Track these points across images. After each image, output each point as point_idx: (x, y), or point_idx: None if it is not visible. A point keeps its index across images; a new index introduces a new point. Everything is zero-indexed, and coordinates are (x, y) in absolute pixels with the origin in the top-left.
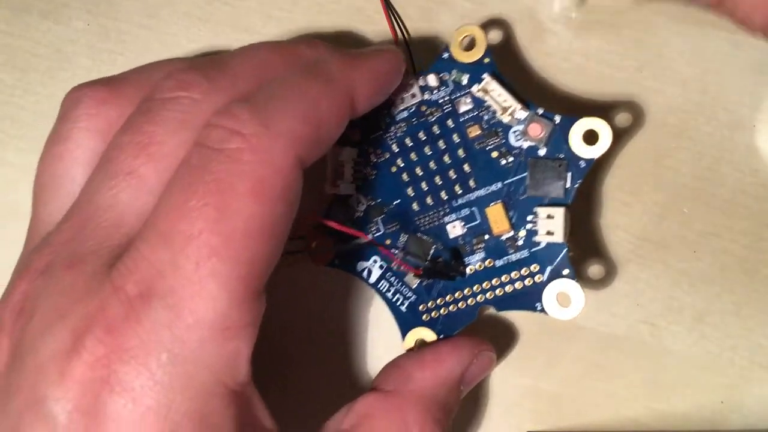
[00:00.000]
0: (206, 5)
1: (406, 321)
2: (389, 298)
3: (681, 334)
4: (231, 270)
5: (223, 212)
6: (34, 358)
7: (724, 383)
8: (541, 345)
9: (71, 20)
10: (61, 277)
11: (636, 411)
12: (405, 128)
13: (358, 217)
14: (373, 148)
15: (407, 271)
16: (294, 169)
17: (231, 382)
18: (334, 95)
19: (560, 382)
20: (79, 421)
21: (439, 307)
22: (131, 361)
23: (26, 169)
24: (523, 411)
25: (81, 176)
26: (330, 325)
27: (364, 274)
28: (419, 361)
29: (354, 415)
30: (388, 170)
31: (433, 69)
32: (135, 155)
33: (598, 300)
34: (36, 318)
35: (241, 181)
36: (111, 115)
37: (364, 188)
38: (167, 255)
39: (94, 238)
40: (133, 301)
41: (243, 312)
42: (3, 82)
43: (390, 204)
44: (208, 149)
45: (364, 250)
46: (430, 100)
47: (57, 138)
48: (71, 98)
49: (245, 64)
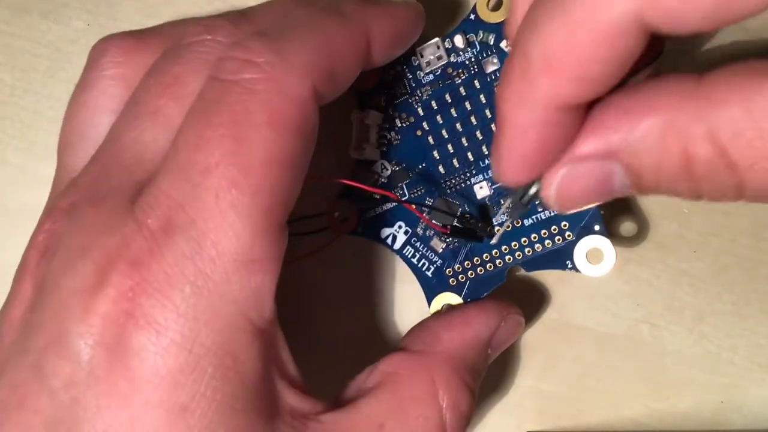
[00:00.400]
0: (206, 5)
1: (432, 286)
2: (414, 263)
3: (681, 334)
4: (251, 201)
5: (240, 143)
6: (58, 294)
7: (724, 383)
8: (541, 345)
9: (71, 20)
10: (84, 215)
11: (636, 411)
12: (431, 91)
13: (382, 183)
14: (398, 113)
15: (435, 230)
16: (310, 100)
17: (256, 317)
18: (349, 31)
19: (560, 382)
20: (103, 356)
21: (466, 271)
22: (155, 295)
23: (26, 169)
24: (523, 411)
25: (106, 124)
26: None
27: (388, 240)
28: (447, 322)
29: (379, 373)
30: (413, 134)
31: (458, 30)
32: (159, 95)
33: (598, 300)
34: (59, 255)
35: (257, 111)
36: (137, 64)
37: (389, 153)
38: (187, 188)
39: (117, 176)
40: (156, 235)
41: (265, 244)
42: (3, 82)
43: (415, 168)
44: (222, 81)
45: (387, 217)
46: (456, 62)
47: (83, 87)
48: (98, 48)
49: (271, 13)
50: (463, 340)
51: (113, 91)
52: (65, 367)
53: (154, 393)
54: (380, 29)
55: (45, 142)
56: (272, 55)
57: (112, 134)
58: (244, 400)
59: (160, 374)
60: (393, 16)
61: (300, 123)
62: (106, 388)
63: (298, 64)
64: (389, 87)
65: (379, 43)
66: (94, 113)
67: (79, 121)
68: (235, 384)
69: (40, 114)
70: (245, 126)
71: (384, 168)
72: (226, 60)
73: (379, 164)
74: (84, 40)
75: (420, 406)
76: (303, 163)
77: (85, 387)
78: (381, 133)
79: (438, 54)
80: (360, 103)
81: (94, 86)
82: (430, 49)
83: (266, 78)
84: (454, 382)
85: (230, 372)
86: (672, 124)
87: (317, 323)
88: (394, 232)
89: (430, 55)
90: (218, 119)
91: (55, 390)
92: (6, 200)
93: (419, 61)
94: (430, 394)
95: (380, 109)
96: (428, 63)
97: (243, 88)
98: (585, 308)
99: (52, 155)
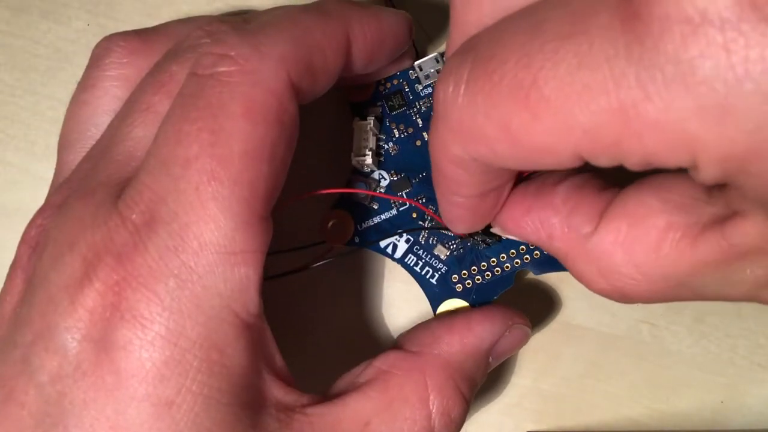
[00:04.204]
0: (206, 5)
1: (436, 294)
2: (417, 271)
3: (681, 334)
4: (231, 192)
5: (217, 135)
6: (46, 288)
7: (724, 383)
8: (540, 345)
9: (71, 20)
10: (71, 209)
11: (636, 411)
12: (430, 103)
13: (380, 193)
14: (396, 124)
15: (440, 236)
16: (287, 91)
17: (242, 310)
18: (327, 26)
19: (560, 382)
20: (90, 350)
21: (473, 276)
22: (141, 288)
23: (26, 169)
24: (523, 411)
25: (106, 123)
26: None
27: (388, 250)
28: (449, 325)
29: (372, 369)
30: (412, 144)
31: None
32: (153, 93)
33: (598, 300)
34: (48, 250)
35: (233, 103)
36: (140, 65)
37: (387, 163)
38: (168, 181)
39: (107, 171)
40: (140, 229)
41: (248, 236)
42: (3, 82)
43: (415, 178)
44: (200, 76)
45: (385, 226)
46: None
47: (85, 85)
48: (103, 47)
49: (267, 15)
50: (463, 346)
51: (115, 91)
52: (52, 361)
53: (140, 387)
54: (362, 29)
55: (45, 142)
56: (247, 47)
57: (108, 131)
58: (230, 394)
59: (146, 368)
60: (378, 19)
61: (277, 113)
62: (93, 381)
63: (272, 55)
64: (387, 99)
65: (360, 42)
66: (95, 112)
67: (79, 120)
68: (222, 378)
69: (40, 114)
70: (221, 118)
71: (383, 177)
72: (204, 55)
73: (377, 174)
74: (84, 40)
75: (409, 408)
76: (283, 155)
77: (71, 381)
78: (379, 144)
79: (437, 68)
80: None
81: (97, 86)
82: (430, 62)
83: (240, 70)
84: (447, 388)
85: (216, 366)
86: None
87: (316, 322)
88: (394, 241)
89: (430, 68)
90: (196, 113)
91: (43, 384)
92: (6, 200)
93: (418, 74)
94: (420, 397)
95: (379, 119)
96: (427, 76)
97: (218, 81)
98: (585, 308)
99: (52, 155)
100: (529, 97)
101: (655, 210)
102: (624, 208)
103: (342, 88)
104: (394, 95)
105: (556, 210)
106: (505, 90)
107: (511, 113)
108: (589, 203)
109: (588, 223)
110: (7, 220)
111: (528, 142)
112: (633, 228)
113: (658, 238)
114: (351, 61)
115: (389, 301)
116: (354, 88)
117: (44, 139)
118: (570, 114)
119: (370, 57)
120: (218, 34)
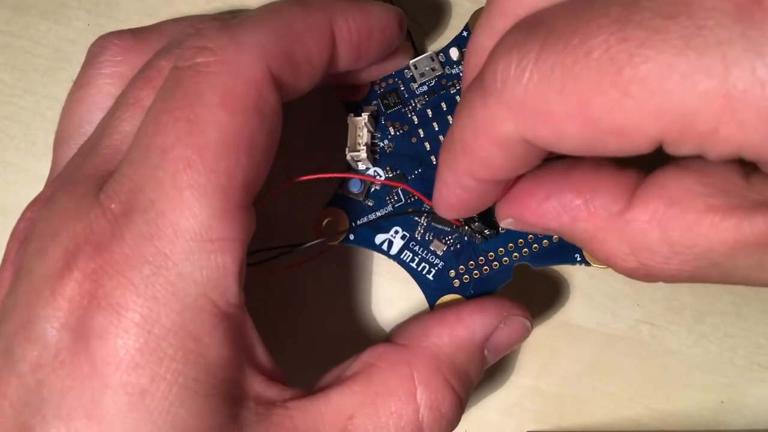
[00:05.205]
0: (205, 5)
1: (434, 290)
2: (414, 268)
3: (681, 334)
4: (207, 180)
5: (193, 124)
6: (30, 280)
7: (724, 383)
8: (541, 345)
9: (71, 20)
10: (56, 202)
11: (636, 411)
12: (425, 101)
13: (375, 190)
14: (391, 122)
15: (437, 230)
16: (266, 81)
17: (219, 299)
18: (309, 17)
19: (560, 382)
20: (68, 338)
21: (471, 271)
22: (116, 276)
23: (26, 169)
24: (523, 411)
25: (99, 119)
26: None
27: (384, 246)
28: (439, 318)
29: (359, 363)
30: (407, 142)
31: (453, 45)
32: (141, 87)
33: (598, 300)
34: (33, 242)
35: (210, 92)
36: (134, 63)
37: (382, 161)
38: (146, 171)
39: (93, 164)
40: (119, 218)
41: (225, 224)
42: (3, 82)
43: (411, 174)
44: (180, 68)
45: (380, 223)
46: (451, 74)
47: (80, 83)
48: (98, 45)
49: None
50: (453, 338)
51: (109, 89)
52: (33, 351)
53: (114, 375)
54: (347, 21)
55: (45, 142)
56: (225, 39)
57: (98, 127)
58: (207, 384)
59: (120, 355)
60: (364, 12)
61: (256, 103)
62: (70, 370)
63: (250, 45)
64: (381, 98)
65: (345, 35)
66: (90, 110)
67: (74, 117)
68: (198, 368)
69: (40, 114)
70: (198, 108)
71: (378, 175)
72: (186, 49)
73: (372, 171)
74: (84, 40)
75: (395, 402)
76: (264, 146)
77: (50, 370)
78: (374, 141)
79: (432, 66)
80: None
81: (92, 83)
82: (425, 61)
83: (218, 61)
84: (435, 381)
85: (192, 355)
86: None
87: (310, 320)
88: (389, 238)
89: (425, 66)
90: (173, 103)
91: (23, 373)
92: (6, 200)
93: (413, 73)
94: (407, 391)
95: (374, 116)
96: (422, 74)
97: (196, 72)
98: (585, 308)
99: (51, 155)
100: (621, 74)
101: (696, 193)
102: (662, 189)
103: (336, 87)
104: (389, 94)
105: (579, 192)
106: (592, 65)
107: (594, 90)
108: (613, 184)
109: (616, 202)
110: (7, 220)
111: (608, 122)
112: (671, 208)
113: (698, 218)
114: (337, 55)
115: (386, 297)
116: (348, 88)
117: (44, 139)
118: (668, 96)
119: (357, 51)
120: (204, 30)
